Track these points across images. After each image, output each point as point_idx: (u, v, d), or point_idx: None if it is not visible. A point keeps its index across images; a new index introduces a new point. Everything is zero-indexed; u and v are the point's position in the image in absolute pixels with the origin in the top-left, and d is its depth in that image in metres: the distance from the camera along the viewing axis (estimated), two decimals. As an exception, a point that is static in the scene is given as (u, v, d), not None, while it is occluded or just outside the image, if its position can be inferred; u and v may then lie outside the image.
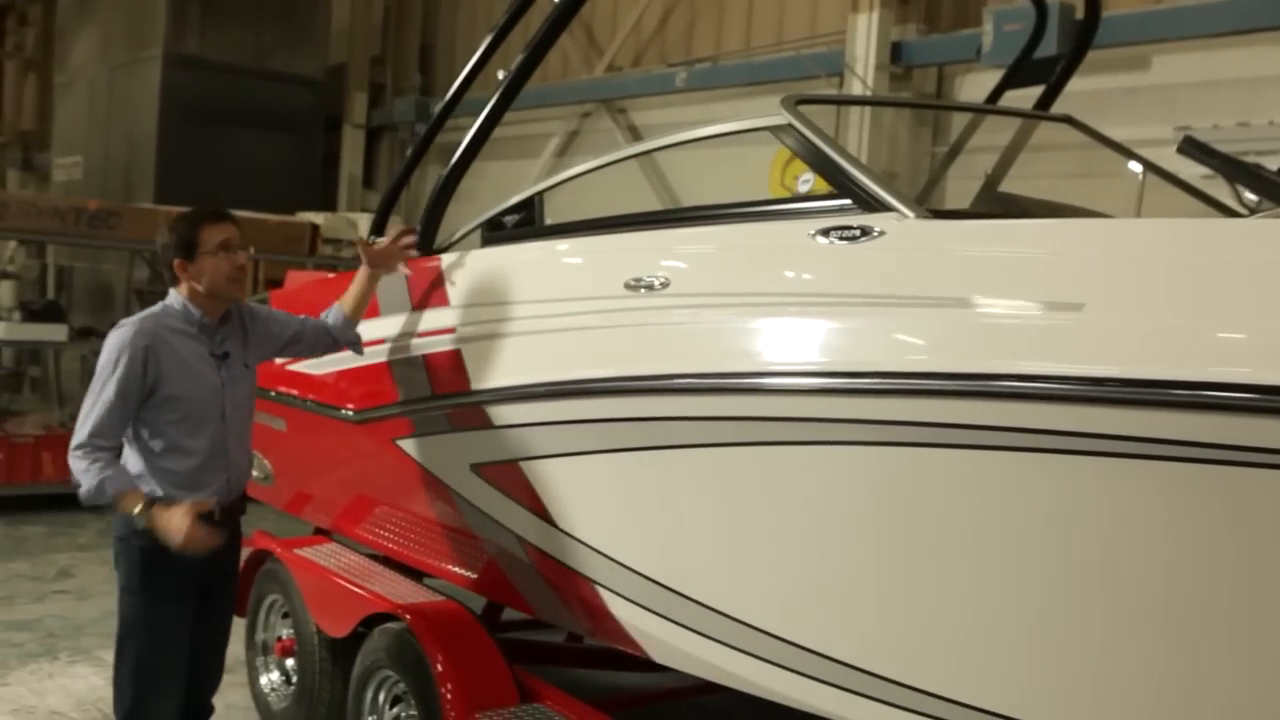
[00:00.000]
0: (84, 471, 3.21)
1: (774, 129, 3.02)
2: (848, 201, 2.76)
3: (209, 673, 3.70)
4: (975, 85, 7.93)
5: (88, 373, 12.05)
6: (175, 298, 3.45)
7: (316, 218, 9.97)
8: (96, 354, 3.41)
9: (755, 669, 2.99)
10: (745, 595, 3.00)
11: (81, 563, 7.19)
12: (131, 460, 3.38)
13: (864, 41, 8.05)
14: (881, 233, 2.63)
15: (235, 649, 5.31)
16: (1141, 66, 7.06)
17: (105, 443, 3.26)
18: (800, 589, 2.90)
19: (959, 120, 7.82)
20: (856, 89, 8.05)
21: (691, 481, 3.04)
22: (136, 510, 3.21)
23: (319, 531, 5.28)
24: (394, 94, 13.59)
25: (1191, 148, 3.69)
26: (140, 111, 12.22)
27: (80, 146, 13.52)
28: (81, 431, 3.25)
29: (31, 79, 19.14)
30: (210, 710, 3.76)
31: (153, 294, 10.31)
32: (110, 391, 3.25)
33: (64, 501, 8.61)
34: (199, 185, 10.91)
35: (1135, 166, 3.34)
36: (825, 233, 2.73)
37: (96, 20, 13.44)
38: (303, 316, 3.85)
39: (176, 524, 3.19)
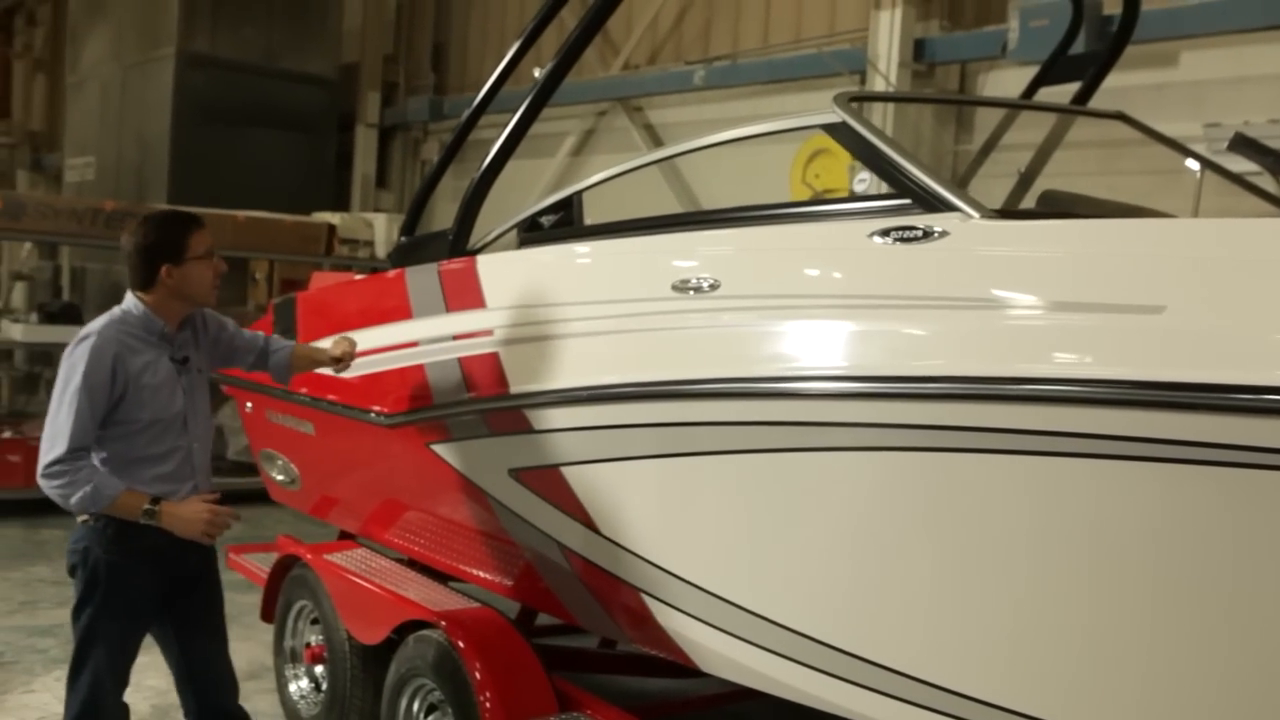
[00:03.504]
0: (71, 483, 3.14)
1: (827, 126, 2.96)
2: (908, 201, 2.69)
3: (223, 687, 3.60)
4: (999, 82, 7.86)
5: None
6: (136, 304, 3.33)
7: (333, 218, 9.93)
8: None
9: (803, 676, 2.94)
10: (795, 602, 2.95)
11: (101, 566, 7.14)
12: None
13: (886, 39, 7.98)
14: (944, 233, 2.57)
15: (263, 655, 5.32)
16: (1170, 63, 6.98)
17: (85, 452, 3.20)
18: (850, 595, 2.85)
19: (982, 117, 7.77)
20: (880, 87, 7.98)
21: (741, 487, 2.98)
22: (145, 507, 3.20)
23: (344, 536, 5.23)
24: (407, 93, 13.52)
25: (1242, 145, 3.65)
26: (153, 111, 12.19)
27: (93, 147, 13.49)
28: (58, 446, 3.15)
29: (40, 79, 19.13)
30: (244, 716, 3.66)
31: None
32: (82, 402, 3.17)
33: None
34: (212, 185, 10.88)
35: (1192, 164, 3.27)
36: (885, 233, 2.66)
37: (108, 20, 13.41)
38: (237, 331, 3.75)
39: (192, 512, 3.24)
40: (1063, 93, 4.73)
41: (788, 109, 9.14)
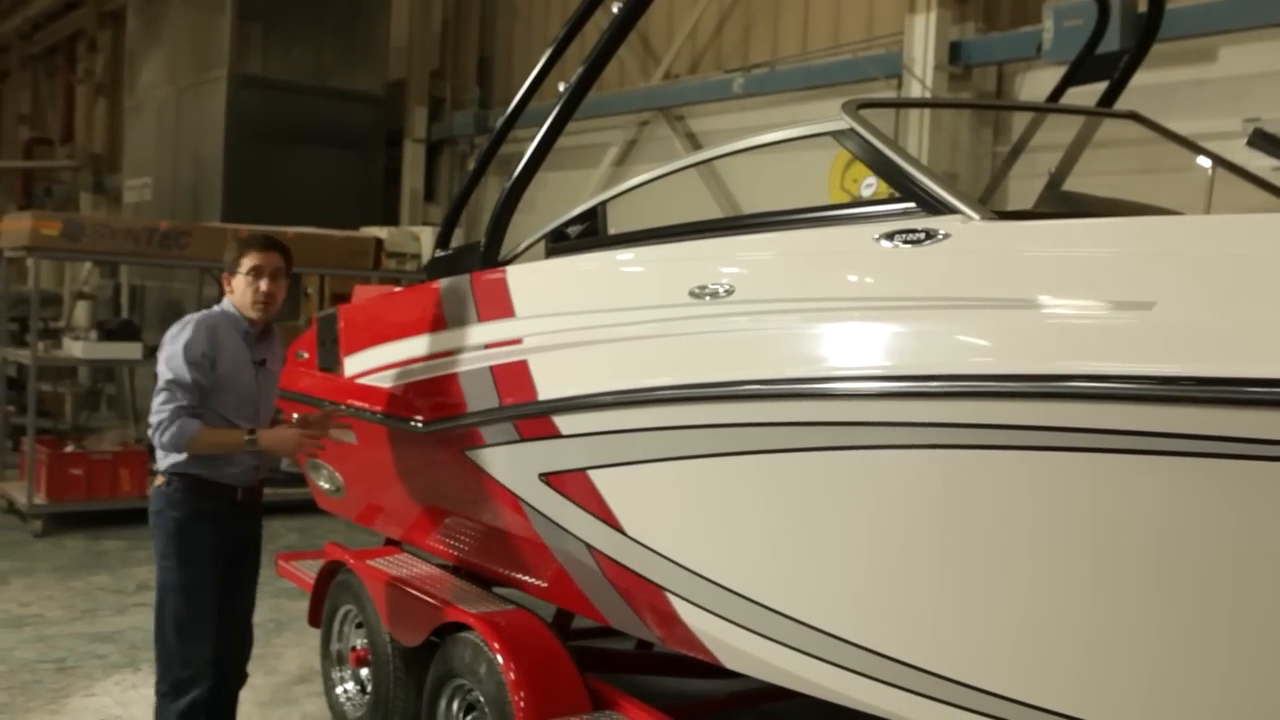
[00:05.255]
0: (180, 432, 3.67)
1: (836, 134, 3.03)
2: (912, 205, 2.76)
3: (242, 642, 4.12)
4: (1036, 83, 7.84)
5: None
6: (229, 304, 3.92)
7: (380, 232, 10.10)
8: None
9: (826, 673, 3.00)
10: (815, 600, 3.00)
11: (160, 575, 7.34)
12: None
13: (922, 42, 8.00)
14: (946, 235, 2.62)
15: (311, 659, 5.47)
16: (1208, 58, 6.94)
17: (191, 410, 3.71)
18: (869, 593, 2.90)
19: (1020, 119, 7.74)
20: (915, 90, 8.00)
21: (760, 487, 3.05)
22: (245, 437, 3.79)
23: (390, 542, 5.36)
24: (453, 107, 13.71)
25: (1261, 140, 3.65)
26: (207, 132, 12.48)
27: (150, 168, 13.83)
28: (166, 407, 3.68)
29: (102, 103, 19.64)
30: (245, 677, 4.17)
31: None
32: (185, 373, 3.70)
33: (141, 516, 8.80)
34: (264, 203, 11.11)
35: (1204, 161, 3.29)
36: (890, 236, 2.73)
37: (164, 44, 13.75)
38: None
39: (289, 433, 3.90)
40: (1093, 92, 4.74)
41: (826, 114, 9.11)
